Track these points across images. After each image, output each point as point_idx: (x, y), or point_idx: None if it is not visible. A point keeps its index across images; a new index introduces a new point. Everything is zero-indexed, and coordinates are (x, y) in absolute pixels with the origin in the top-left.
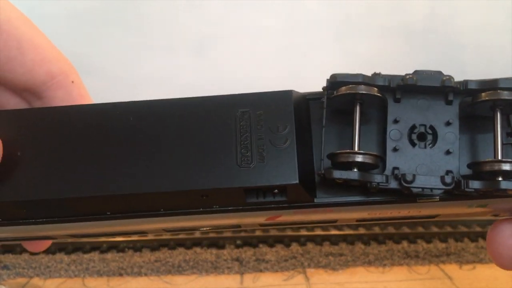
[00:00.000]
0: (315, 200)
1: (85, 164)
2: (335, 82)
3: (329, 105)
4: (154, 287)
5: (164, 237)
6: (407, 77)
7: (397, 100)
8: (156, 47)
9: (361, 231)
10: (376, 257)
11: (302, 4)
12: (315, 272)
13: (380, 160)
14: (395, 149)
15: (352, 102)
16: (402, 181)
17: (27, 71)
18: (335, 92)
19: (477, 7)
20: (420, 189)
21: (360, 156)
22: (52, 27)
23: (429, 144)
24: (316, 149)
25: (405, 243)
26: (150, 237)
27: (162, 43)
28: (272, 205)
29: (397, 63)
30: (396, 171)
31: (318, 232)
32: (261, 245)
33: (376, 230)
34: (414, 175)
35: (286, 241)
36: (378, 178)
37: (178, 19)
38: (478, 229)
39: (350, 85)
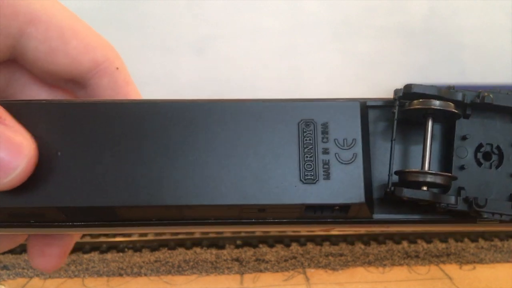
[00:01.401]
0: (374, 217)
1: (133, 168)
2: (409, 93)
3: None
4: (154, 287)
5: (164, 237)
6: (485, 95)
7: (466, 116)
8: (156, 47)
9: (361, 231)
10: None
11: (302, 5)
12: (315, 272)
13: (452, 181)
14: (462, 168)
15: (423, 115)
16: (474, 205)
17: (71, 60)
18: (407, 103)
19: (477, 7)
20: (491, 214)
21: (434, 177)
22: None
23: (494, 165)
24: (376, 162)
25: (405, 243)
26: (150, 237)
27: (162, 43)
28: (329, 219)
29: (397, 63)
30: (462, 192)
31: (318, 232)
32: (261, 245)
33: (376, 230)
34: (486, 200)
35: (286, 241)
36: (449, 200)
37: (178, 19)
38: (478, 229)
39: (425, 99)
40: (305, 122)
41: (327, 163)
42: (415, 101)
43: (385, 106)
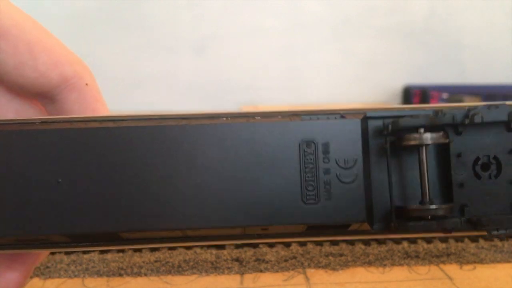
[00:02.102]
0: (374, 227)
1: (134, 193)
2: (397, 128)
3: (391, 146)
4: (154, 287)
5: None
6: (474, 114)
7: (458, 133)
8: (156, 47)
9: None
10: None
11: (302, 4)
12: (315, 272)
13: (453, 208)
14: (461, 185)
15: (416, 146)
16: (478, 226)
17: (40, 75)
18: (397, 139)
19: (477, 7)
20: (496, 231)
21: (436, 210)
22: (52, 27)
23: (493, 175)
24: (376, 173)
25: (405, 243)
26: None
27: (162, 43)
28: (330, 233)
29: (397, 63)
30: (466, 209)
31: None
32: (261, 245)
33: None
34: (489, 218)
35: (286, 241)
36: (454, 224)
37: (178, 19)
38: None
39: (416, 135)
40: (306, 143)
41: (328, 183)
42: (406, 137)
43: (384, 117)
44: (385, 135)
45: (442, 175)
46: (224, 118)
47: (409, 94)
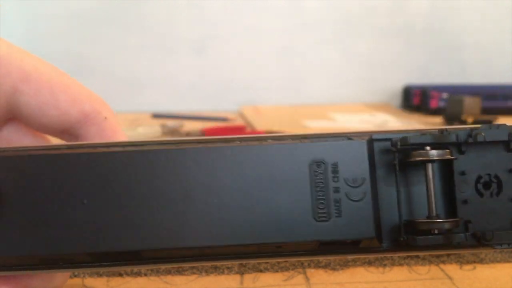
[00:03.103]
0: (383, 245)
1: (155, 211)
2: (406, 144)
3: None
4: (154, 287)
5: None
6: (477, 133)
7: (462, 153)
8: (156, 47)
9: None
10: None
11: (302, 4)
12: (315, 272)
13: (459, 223)
14: (465, 202)
15: (422, 162)
16: (482, 240)
17: (62, 113)
18: (403, 156)
19: (477, 7)
20: (499, 245)
21: (444, 224)
22: (52, 27)
23: (495, 193)
24: (382, 192)
25: None
26: None
27: (162, 43)
28: (341, 251)
29: (397, 63)
30: (470, 225)
31: None
32: None
33: None
34: (492, 233)
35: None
36: (460, 238)
37: (178, 19)
38: None
39: (423, 151)
40: (316, 163)
41: (338, 201)
42: (414, 153)
43: (389, 139)
44: (394, 151)
45: (446, 192)
46: (238, 142)
47: (409, 94)
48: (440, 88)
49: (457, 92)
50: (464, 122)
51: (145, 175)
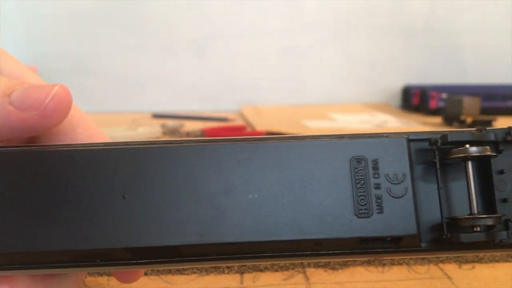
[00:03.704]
0: (422, 245)
1: (196, 207)
2: (446, 142)
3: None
4: (154, 287)
5: None
6: None
7: (500, 151)
8: (156, 47)
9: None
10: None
11: (302, 5)
12: (315, 272)
13: (500, 219)
14: (504, 200)
15: (462, 160)
16: None
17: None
18: (442, 154)
19: (477, 7)
20: None
21: (487, 220)
22: (52, 27)
23: None
24: (420, 192)
25: None
26: None
27: (163, 43)
28: (381, 250)
29: (397, 63)
30: (510, 224)
31: None
32: None
33: None
34: None
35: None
36: (502, 236)
37: (178, 19)
38: None
39: (463, 147)
40: (356, 159)
41: (379, 197)
42: (455, 150)
43: (426, 139)
44: (434, 149)
45: (484, 192)
46: (277, 140)
47: (408, 94)
48: (439, 88)
49: (456, 92)
50: (463, 122)
51: (188, 170)
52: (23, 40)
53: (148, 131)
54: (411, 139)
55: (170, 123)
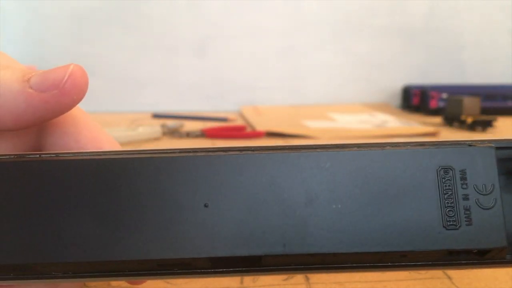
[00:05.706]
0: (507, 257)
1: (276, 216)
2: None
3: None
4: (154, 287)
5: None
6: None
7: None
8: (156, 47)
9: None
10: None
11: (302, 5)
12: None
13: None
14: None
15: None
16: None
17: (81, 146)
18: None
19: (477, 7)
20: None
21: None
22: (52, 27)
23: None
24: (507, 205)
25: None
26: None
27: (163, 43)
28: (465, 262)
29: (397, 63)
30: None
31: None
32: None
33: None
34: None
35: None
36: None
37: (178, 19)
38: None
39: None
40: (443, 169)
41: (468, 209)
42: None
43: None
44: None
45: None
46: (356, 148)
47: (408, 94)
48: (439, 88)
49: (456, 92)
50: (463, 122)
51: (271, 179)
52: (23, 40)
53: (148, 131)
54: (497, 146)
55: (170, 123)
